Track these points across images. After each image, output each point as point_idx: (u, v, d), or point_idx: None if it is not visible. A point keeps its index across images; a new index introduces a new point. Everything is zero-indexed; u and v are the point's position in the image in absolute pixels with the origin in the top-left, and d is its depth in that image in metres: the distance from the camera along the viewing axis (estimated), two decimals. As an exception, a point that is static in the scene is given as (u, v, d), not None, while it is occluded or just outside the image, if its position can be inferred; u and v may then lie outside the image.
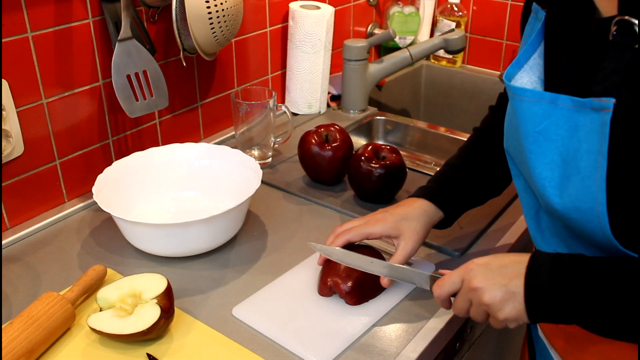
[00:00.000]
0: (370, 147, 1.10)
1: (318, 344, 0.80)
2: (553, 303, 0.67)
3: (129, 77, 1.05)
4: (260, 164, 1.06)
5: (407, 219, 0.88)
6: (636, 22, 0.62)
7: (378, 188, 1.09)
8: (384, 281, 0.85)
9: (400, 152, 1.12)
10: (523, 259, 0.70)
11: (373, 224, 0.88)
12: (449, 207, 0.91)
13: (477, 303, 0.72)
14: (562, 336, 0.78)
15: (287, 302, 0.87)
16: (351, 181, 1.12)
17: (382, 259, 0.88)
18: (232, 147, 1.10)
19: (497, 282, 0.70)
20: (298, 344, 0.80)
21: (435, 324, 0.85)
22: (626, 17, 0.63)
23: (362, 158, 1.09)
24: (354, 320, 0.84)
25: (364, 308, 0.86)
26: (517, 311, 0.68)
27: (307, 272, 0.93)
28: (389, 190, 1.10)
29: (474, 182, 0.93)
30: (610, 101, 0.60)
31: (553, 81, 0.72)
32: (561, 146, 0.66)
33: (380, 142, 1.45)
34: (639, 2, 0.62)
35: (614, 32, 0.64)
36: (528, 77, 0.72)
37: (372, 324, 0.84)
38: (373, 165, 1.07)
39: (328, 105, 1.51)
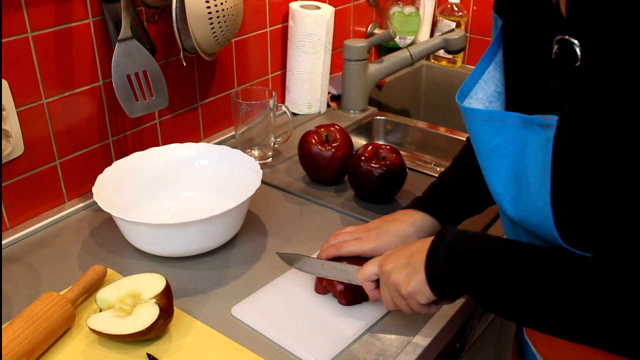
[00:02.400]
0: (370, 147, 1.10)
1: (316, 344, 0.80)
2: (449, 273, 0.70)
3: (129, 77, 1.05)
4: (260, 164, 1.06)
5: (401, 237, 0.88)
6: (576, 42, 0.62)
7: (378, 188, 1.09)
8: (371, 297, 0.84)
9: (400, 152, 1.12)
10: (432, 238, 0.74)
11: (366, 243, 0.88)
12: (444, 217, 0.91)
13: (389, 287, 0.76)
14: (547, 342, 0.78)
15: (286, 302, 0.87)
16: (351, 181, 1.12)
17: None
18: (232, 147, 1.10)
19: (401, 261, 0.75)
20: (296, 344, 0.80)
21: (435, 324, 0.85)
22: (566, 37, 0.63)
23: (362, 158, 1.09)
24: (353, 320, 0.84)
25: (361, 309, 0.86)
26: (419, 284, 0.73)
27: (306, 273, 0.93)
28: (389, 190, 1.10)
29: (469, 190, 0.93)
30: (554, 119, 0.60)
31: (510, 93, 0.72)
32: (513, 162, 0.66)
33: (380, 142, 1.45)
34: (582, 23, 0.62)
35: (556, 51, 0.64)
36: (483, 91, 0.71)
37: (370, 325, 0.84)
38: (373, 165, 1.07)
39: (328, 105, 1.51)
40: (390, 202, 1.12)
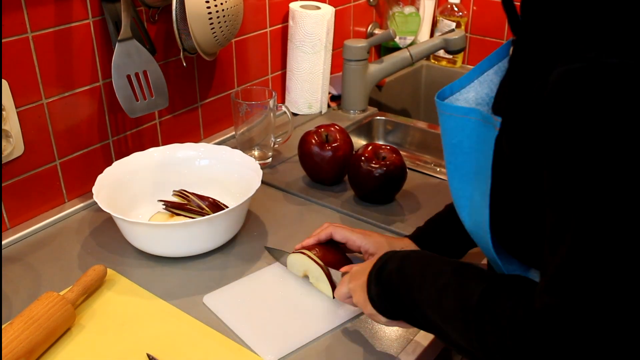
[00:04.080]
0: (370, 147, 1.10)
1: (274, 339, 0.81)
2: (378, 294, 0.71)
3: (129, 77, 1.05)
4: (260, 164, 1.06)
5: (391, 245, 0.90)
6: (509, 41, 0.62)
7: (378, 188, 1.09)
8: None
9: (400, 152, 1.12)
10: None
11: (358, 234, 0.91)
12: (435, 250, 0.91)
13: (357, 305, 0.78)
14: None
15: (259, 295, 0.89)
16: (351, 181, 1.12)
17: (349, 261, 0.91)
18: (232, 147, 1.10)
19: (360, 280, 0.76)
20: (253, 337, 0.81)
21: (435, 324, 0.85)
22: (515, 38, 0.63)
23: (362, 158, 1.09)
24: (316, 320, 0.84)
25: (337, 308, 0.86)
26: (363, 299, 0.75)
27: (278, 269, 0.95)
28: (389, 190, 1.10)
29: (460, 231, 0.90)
30: (498, 120, 0.61)
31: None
32: (474, 160, 0.66)
33: (380, 142, 1.45)
34: (519, 23, 0.63)
35: (512, 51, 0.65)
36: (475, 92, 0.71)
37: (339, 324, 0.84)
38: (373, 165, 1.07)
39: (328, 106, 1.51)
40: (390, 202, 1.12)
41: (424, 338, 0.82)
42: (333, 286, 0.87)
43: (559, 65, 0.51)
